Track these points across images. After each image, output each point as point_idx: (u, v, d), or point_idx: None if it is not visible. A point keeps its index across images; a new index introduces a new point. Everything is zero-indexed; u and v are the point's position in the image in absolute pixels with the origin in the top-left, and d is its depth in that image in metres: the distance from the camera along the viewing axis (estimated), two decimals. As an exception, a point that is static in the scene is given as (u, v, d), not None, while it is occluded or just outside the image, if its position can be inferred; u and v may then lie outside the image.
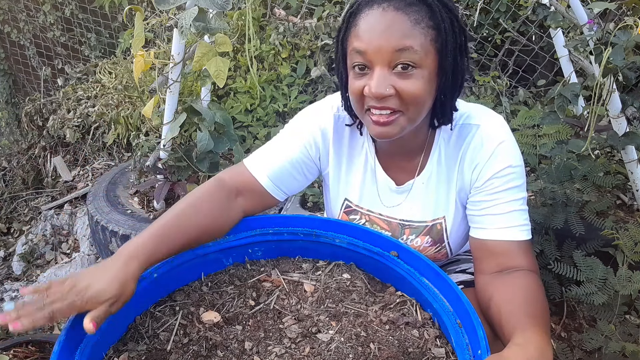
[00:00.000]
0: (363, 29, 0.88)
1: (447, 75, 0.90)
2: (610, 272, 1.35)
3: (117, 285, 0.80)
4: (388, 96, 0.88)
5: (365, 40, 0.87)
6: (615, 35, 1.42)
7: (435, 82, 0.91)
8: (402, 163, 1.07)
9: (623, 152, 1.69)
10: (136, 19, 1.55)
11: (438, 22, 0.87)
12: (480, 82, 2.66)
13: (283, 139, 1.08)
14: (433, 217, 1.07)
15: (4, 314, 0.75)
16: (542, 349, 0.77)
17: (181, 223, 0.93)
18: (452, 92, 0.94)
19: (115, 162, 3.08)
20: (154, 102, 1.75)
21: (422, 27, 0.86)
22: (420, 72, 0.87)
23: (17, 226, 3.08)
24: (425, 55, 0.87)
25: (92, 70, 3.62)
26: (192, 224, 0.94)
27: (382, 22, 0.86)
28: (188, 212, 0.95)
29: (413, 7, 0.86)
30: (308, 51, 2.75)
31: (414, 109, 0.91)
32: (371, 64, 0.88)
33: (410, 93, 0.88)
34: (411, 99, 0.88)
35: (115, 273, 0.81)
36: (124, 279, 0.81)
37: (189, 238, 0.93)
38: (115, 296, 0.79)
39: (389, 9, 0.86)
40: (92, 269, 0.82)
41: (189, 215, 0.94)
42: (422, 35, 0.86)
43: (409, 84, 0.87)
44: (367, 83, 0.89)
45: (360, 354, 0.83)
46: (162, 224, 0.91)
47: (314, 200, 2.22)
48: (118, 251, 0.86)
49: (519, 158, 0.99)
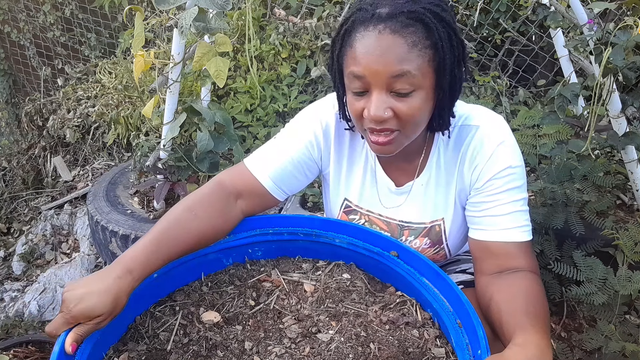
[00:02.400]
0: (359, 52, 0.87)
1: (445, 90, 0.91)
2: (610, 272, 1.35)
3: (109, 302, 0.79)
4: (387, 119, 0.88)
5: (362, 65, 0.86)
6: (615, 35, 1.42)
7: (433, 98, 0.92)
8: (402, 164, 1.07)
9: (623, 152, 1.69)
10: (136, 19, 1.55)
11: (435, 40, 0.86)
12: (480, 82, 2.66)
13: (284, 139, 1.08)
14: (432, 219, 1.07)
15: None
16: (542, 349, 0.77)
17: (178, 230, 0.92)
18: (449, 103, 0.95)
19: (115, 162, 3.08)
20: (154, 102, 1.75)
21: (419, 48, 0.85)
22: (417, 93, 0.88)
23: (17, 226, 3.08)
24: (423, 76, 0.87)
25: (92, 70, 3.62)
26: (190, 230, 0.93)
27: (379, 47, 0.85)
28: (186, 218, 0.93)
29: (409, 29, 0.85)
30: (308, 51, 2.75)
31: (411, 127, 0.92)
32: (369, 88, 0.88)
33: (408, 114, 0.89)
34: (409, 119, 0.89)
35: (108, 288, 0.80)
36: (117, 295, 0.80)
37: (186, 245, 0.92)
38: (106, 313, 0.79)
39: (385, 32, 0.85)
40: (88, 280, 0.81)
41: (186, 221, 0.93)
42: (419, 58, 0.85)
43: (407, 105, 0.88)
44: (366, 105, 0.89)
45: (360, 354, 0.83)
46: (159, 231, 0.90)
47: (314, 200, 2.22)
48: (115, 261, 0.85)
49: (519, 159, 0.98)
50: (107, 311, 0.79)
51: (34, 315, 2.18)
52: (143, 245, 0.87)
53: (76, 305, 0.77)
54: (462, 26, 2.78)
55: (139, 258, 0.85)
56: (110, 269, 0.83)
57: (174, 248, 0.90)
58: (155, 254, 0.87)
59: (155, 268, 0.88)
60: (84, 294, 0.78)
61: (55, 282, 2.33)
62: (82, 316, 0.77)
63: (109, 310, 0.79)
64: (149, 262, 0.86)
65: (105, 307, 0.78)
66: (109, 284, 0.80)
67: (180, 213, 0.94)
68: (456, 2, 2.75)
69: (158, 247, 0.88)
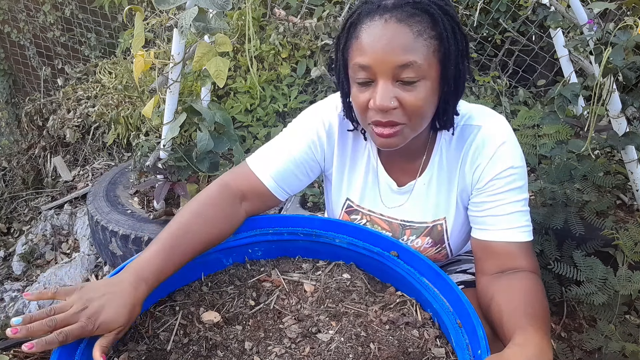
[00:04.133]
0: (365, 42, 0.87)
1: (450, 82, 0.91)
2: (610, 272, 1.35)
3: (127, 313, 0.79)
4: (392, 109, 0.88)
5: (368, 54, 0.86)
6: (615, 35, 1.42)
7: (438, 90, 0.91)
8: (404, 164, 1.07)
9: (623, 152, 1.69)
10: (136, 19, 1.55)
11: (440, 31, 0.87)
12: (480, 82, 2.66)
13: (286, 139, 1.08)
14: (434, 218, 1.07)
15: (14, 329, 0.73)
16: (542, 349, 0.77)
17: (189, 236, 0.91)
18: (454, 97, 0.95)
19: (115, 162, 3.08)
20: (154, 102, 1.75)
21: (425, 38, 0.86)
22: (423, 83, 0.88)
23: (17, 226, 3.08)
24: (428, 66, 0.87)
25: (92, 70, 3.62)
26: (201, 235, 0.93)
27: (385, 36, 0.85)
28: (196, 223, 0.93)
29: (415, 18, 0.85)
30: (308, 51, 2.75)
31: (417, 120, 0.92)
32: (375, 77, 0.88)
33: (414, 104, 0.88)
34: (415, 110, 0.89)
35: (126, 300, 0.79)
36: (133, 305, 0.80)
37: (196, 251, 0.92)
38: (124, 324, 0.79)
39: (391, 20, 0.85)
40: (102, 288, 0.80)
41: (196, 227, 0.92)
42: (424, 48, 0.86)
43: (413, 96, 0.88)
44: (372, 96, 0.89)
45: (360, 354, 0.83)
46: (170, 237, 0.90)
47: (314, 200, 2.22)
48: (126, 268, 0.84)
49: (521, 159, 0.99)
50: (124, 323, 0.79)
51: (34, 315, 2.18)
52: (155, 253, 0.87)
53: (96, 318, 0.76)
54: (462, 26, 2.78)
55: (152, 266, 0.85)
56: (124, 278, 0.82)
57: (185, 255, 0.90)
58: (167, 261, 0.87)
59: (168, 275, 0.88)
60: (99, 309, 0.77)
61: (55, 282, 2.33)
62: (102, 329, 0.77)
63: (125, 321, 0.79)
64: (162, 270, 0.86)
65: (123, 319, 0.78)
66: (124, 296, 0.79)
67: (190, 218, 0.93)
68: (456, 2, 2.75)
69: (170, 254, 0.88)
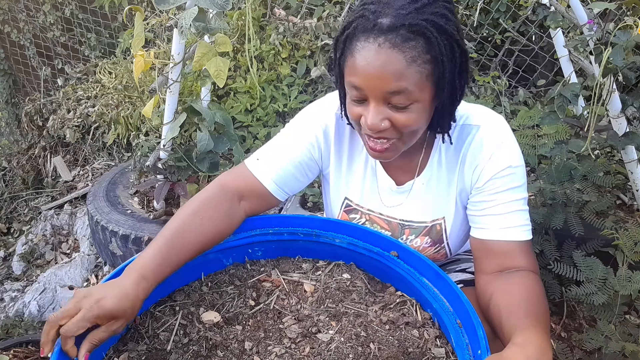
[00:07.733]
0: (358, 64, 0.86)
1: (444, 101, 0.91)
2: (610, 272, 1.35)
3: (129, 303, 0.79)
4: (384, 129, 0.89)
5: (360, 77, 0.87)
6: (615, 35, 1.42)
7: (432, 108, 0.92)
8: (403, 163, 1.07)
9: (623, 152, 1.69)
10: (136, 19, 1.55)
11: (436, 54, 0.85)
12: (480, 82, 2.66)
13: (285, 140, 1.08)
14: (433, 218, 1.07)
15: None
16: (542, 348, 0.77)
17: (187, 236, 0.92)
18: (449, 112, 0.95)
19: (115, 162, 3.08)
20: (154, 102, 1.75)
21: (418, 64, 0.84)
22: (415, 105, 0.88)
23: (17, 226, 3.08)
24: (421, 91, 0.87)
25: (92, 70, 3.62)
26: (198, 235, 0.93)
27: (378, 61, 0.84)
28: (194, 222, 0.93)
29: (410, 43, 0.83)
30: (308, 51, 2.75)
31: (409, 136, 0.93)
32: (367, 98, 0.89)
33: (405, 125, 0.89)
34: (406, 129, 0.90)
35: (128, 292, 0.80)
36: (134, 300, 0.80)
37: (194, 250, 0.92)
38: (125, 315, 0.79)
39: (385, 45, 0.83)
40: (103, 285, 0.82)
41: (194, 226, 0.93)
42: (417, 74, 0.85)
43: (404, 117, 0.88)
44: (364, 114, 0.90)
45: (360, 354, 0.83)
46: (168, 237, 0.90)
47: (314, 200, 2.22)
48: (128, 268, 0.85)
49: (520, 158, 0.99)
50: (126, 315, 0.79)
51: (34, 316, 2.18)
52: (153, 252, 0.87)
53: (98, 302, 0.77)
54: (462, 26, 2.78)
55: (150, 265, 0.85)
56: (124, 276, 0.83)
57: (183, 254, 0.90)
58: (166, 260, 0.87)
59: (167, 274, 0.88)
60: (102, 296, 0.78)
61: (55, 282, 2.33)
62: (104, 315, 0.77)
63: (128, 314, 0.79)
64: (161, 269, 0.86)
65: (125, 310, 0.79)
66: (126, 288, 0.80)
67: (188, 218, 0.94)
68: (456, 2, 2.75)
69: (169, 253, 0.88)
